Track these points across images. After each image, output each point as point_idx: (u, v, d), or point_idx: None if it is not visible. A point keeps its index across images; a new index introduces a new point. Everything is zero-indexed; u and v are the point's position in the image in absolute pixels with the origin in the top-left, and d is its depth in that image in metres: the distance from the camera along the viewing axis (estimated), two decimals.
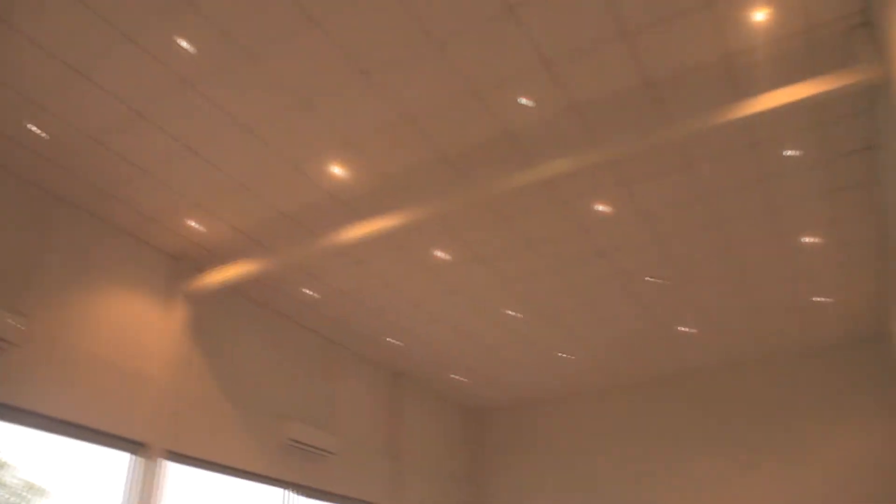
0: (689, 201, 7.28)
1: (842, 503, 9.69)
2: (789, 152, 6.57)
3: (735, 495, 10.35)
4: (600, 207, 7.33)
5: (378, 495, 10.06)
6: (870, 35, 5.30)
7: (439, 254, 8.06)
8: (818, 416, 10.23)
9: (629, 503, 11.00)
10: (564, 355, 10.72)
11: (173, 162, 6.53)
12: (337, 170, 6.71)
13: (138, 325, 7.39)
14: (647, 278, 8.62)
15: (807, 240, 7.96)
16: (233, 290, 8.63)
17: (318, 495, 9.20)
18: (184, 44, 5.28)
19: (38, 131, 6.06)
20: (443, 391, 12.11)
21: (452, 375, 11.38)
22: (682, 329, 9.99)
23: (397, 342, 10.18)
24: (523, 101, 5.91)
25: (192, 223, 7.41)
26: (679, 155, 6.61)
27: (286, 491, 8.78)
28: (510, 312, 9.39)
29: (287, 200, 7.15)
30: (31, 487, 6.44)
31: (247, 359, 8.64)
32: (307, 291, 8.79)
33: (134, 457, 7.11)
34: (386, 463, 10.42)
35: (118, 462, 7.00)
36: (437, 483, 11.49)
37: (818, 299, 9.29)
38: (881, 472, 9.59)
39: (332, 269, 8.35)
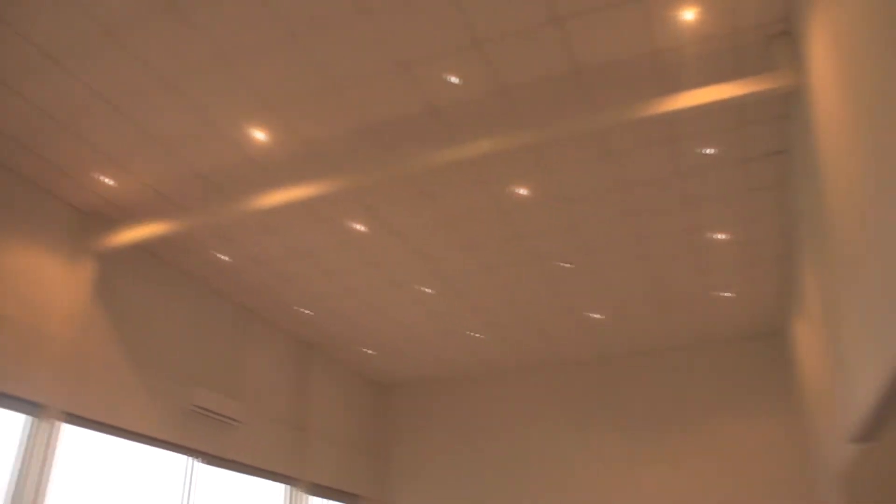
0: (606, 190, 7.41)
1: (737, 489, 10.16)
2: (706, 150, 6.75)
3: (634, 480, 10.72)
4: (520, 190, 7.39)
5: (282, 465, 10.00)
6: (789, 44, 5.48)
7: (357, 226, 7.99)
8: (717, 405, 10.66)
9: (530, 483, 11.25)
10: (475, 334, 10.83)
11: (88, 114, 6.23)
12: (258, 133, 6.55)
13: (40, 280, 7.07)
14: (560, 263, 8.76)
15: (716, 236, 8.23)
16: (143, 250, 8.37)
17: (223, 463, 9.07)
18: None
19: None
20: (351, 364, 12.09)
21: (362, 348, 11.36)
22: (591, 315, 10.22)
23: (309, 312, 10.08)
24: (451, 78, 5.88)
25: (104, 178, 7.12)
26: (600, 144, 6.72)
27: (190, 458, 8.62)
28: (424, 289, 9.42)
29: (204, 161, 6.95)
30: None
31: (154, 321, 8.40)
32: (220, 256, 8.60)
33: (30, 418, 6.83)
34: (291, 433, 10.35)
35: (13, 424, 6.71)
36: (341, 455, 11.49)
37: (723, 294, 9.64)
38: (774, 459, 10.10)
39: (247, 234, 8.18)
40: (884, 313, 4.23)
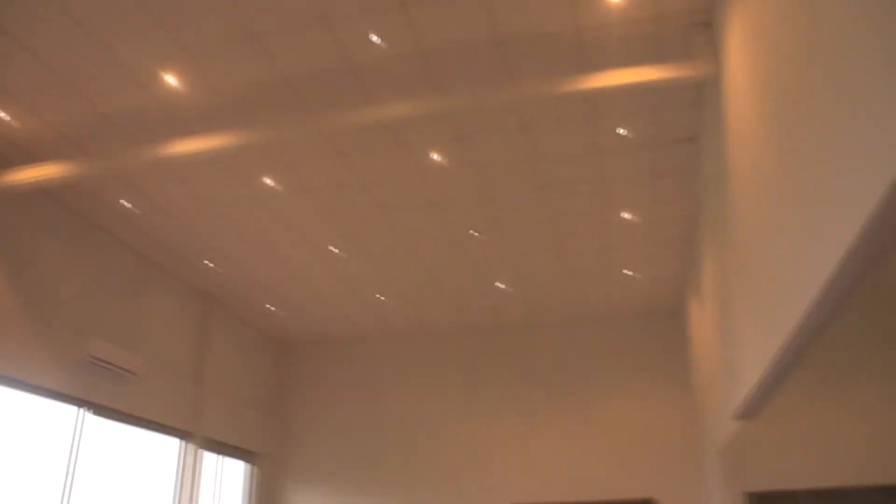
0: (521, 162, 7.48)
1: (629, 461, 10.57)
2: (622, 131, 6.89)
3: (529, 447, 11.01)
4: (436, 157, 7.37)
5: (178, 419, 9.81)
6: (708, 34, 5.62)
7: (268, 181, 7.83)
8: (614, 380, 11.03)
9: (425, 445, 11.41)
10: (380, 297, 10.83)
11: None
12: (170, 79, 6.29)
13: None
14: (470, 231, 8.83)
15: (625, 216, 8.44)
16: (44, 195, 7.95)
17: (116, 416, 8.82)
18: None
19: None
20: (255, 320, 11.92)
21: (266, 305, 11.20)
22: (498, 285, 10.36)
23: (214, 266, 9.85)
24: (373, 37, 5.78)
25: (0, 114, 6.72)
26: (518, 116, 6.76)
27: (81, 409, 8.34)
28: (333, 249, 9.33)
29: (112, 103, 6.63)
30: None
31: (50, 267, 8.04)
32: (125, 203, 8.27)
33: None
34: (189, 388, 10.15)
35: None
36: (239, 411, 11.35)
37: (627, 272, 9.93)
38: (667, 433, 10.55)
39: (153, 182, 7.89)
40: (768, 299, 4.44)
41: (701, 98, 6.34)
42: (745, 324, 5.54)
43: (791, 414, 5.11)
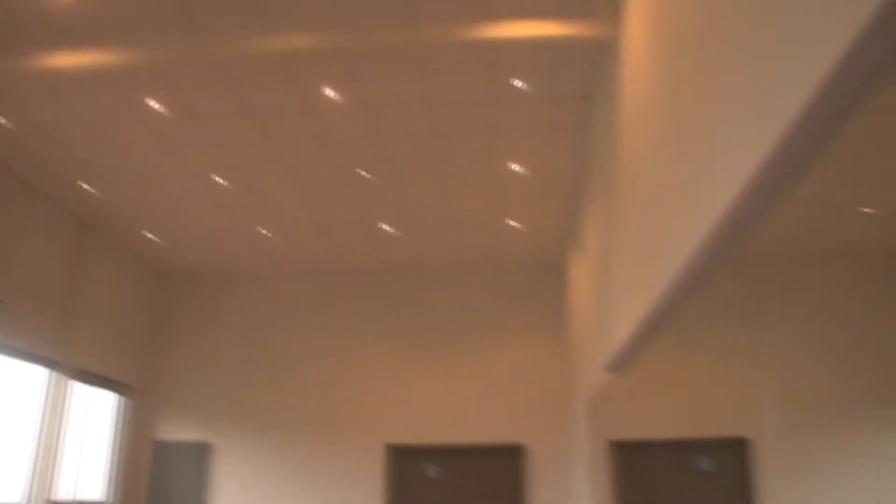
0: (414, 106, 7.39)
1: (504, 406, 10.88)
2: (518, 83, 6.90)
3: (407, 389, 11.14)
4: (329, 93, 7.18)
5: (46, 348, 9.32)
6: None
7: (154, 104, 7.41)
8: (493, 327, 11.26)
9: (306, 385, 11.36)
10: (266, 232, 10.59)
11: None
12: None
13: None
14: (359, 171, 8.71)
15: (514, 167, 8.53)
16: None
17: None
18: None
19: None
20: (135, 250, 11.41)
21: (146, 233, 10.74)
22: (384, 227, 10.32)
23: (92, 190, 9.31)
24: None
25: None
26: (416, 59, 6.64)
27: None
28: (218, 179, 8.99)
29: None
30: None
31: None
32: None
33: None
34: (59, 315, 9.64)
35: None
36: (113, 341, 10.91)
37: (512, 223, 10.09)
38: (540, 381, 10.91)
39: (30, 96, 7.30)
40: (645, 256, 4.61)
41: (600, 57, 6.42)
42: (622, 280, 5.75)
43: (656, 367, 5.38)
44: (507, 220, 10.03)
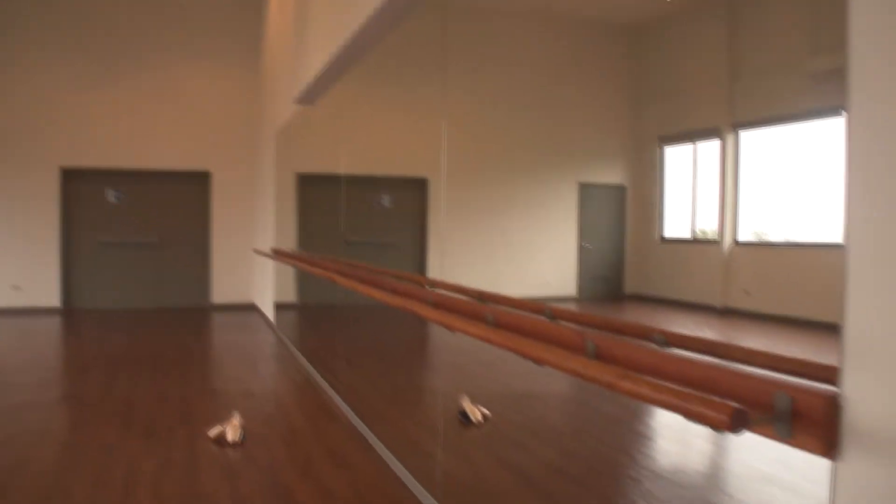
0: None
1: (191, 132, 10.31)
2: None
3: (87, 107, 10.03)
4: None
5: None
6: None
7: None
8: (185, 48, 10.30)
9: None
10: None
11: None
12: None
13: None
14: None
15: None
16: None
17: None
18: None
19: None
20: None
21: None
22: None
23: None
24: None
25: None
26: None
27: None
28: None
29: None
30: None
31: None
32: None
33: None
34: None
35: None
36: None
37: None
38: (229, 109, 10.46)
39: None
40: None
41: None
42: (320, 11, 5.51)
43: (349, 109, 5.39)
44: None
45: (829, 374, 1.16)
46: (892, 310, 1.08)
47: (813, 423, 1.13)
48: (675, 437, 3.02)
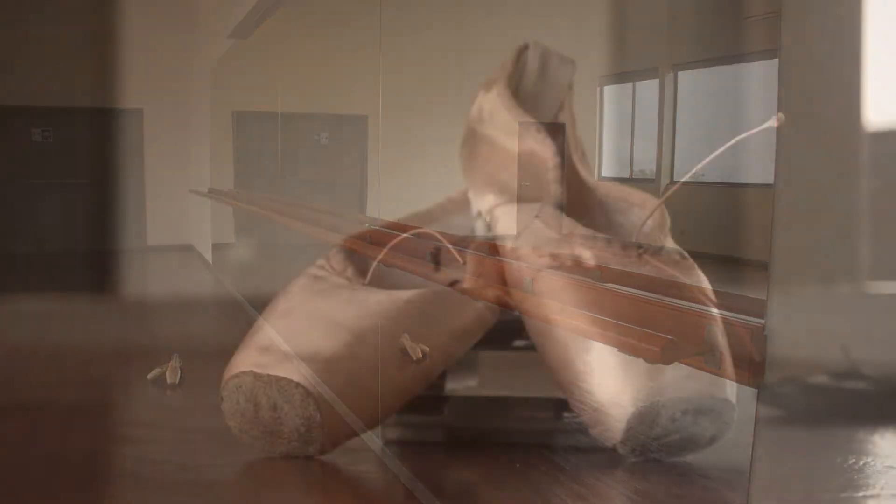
0: None
1: (121, 67, 9.90)
2: None
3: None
4: None
5: None
6: None
7: None
8: None
9: None
10: None
11: None
12: None
13: None
14: None
15: None
16: None
17: None
18: None
19: None
20: None
21: None
22: None
23: None
24: None
25: None
26: None
27: None
28: None
29: None
30: None
31: None
32: None
33: None
34: None
35: None
36: None
37: None
38: (159, 44, 9.99)
39: None
40: None
41: None
42: None
43: (287, 46, 5.28)
44: None
45: (758, 308, 1.21)
46: (811, 243, 1.13)
47: (740, 353, 1.18)
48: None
